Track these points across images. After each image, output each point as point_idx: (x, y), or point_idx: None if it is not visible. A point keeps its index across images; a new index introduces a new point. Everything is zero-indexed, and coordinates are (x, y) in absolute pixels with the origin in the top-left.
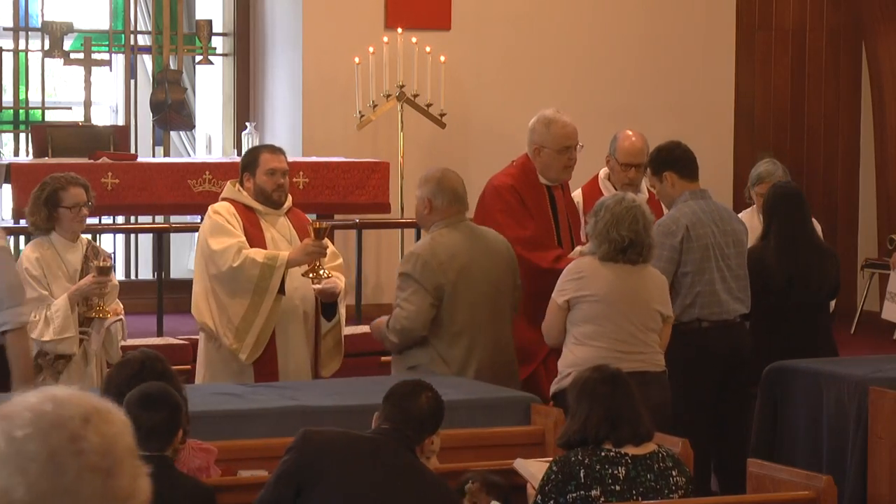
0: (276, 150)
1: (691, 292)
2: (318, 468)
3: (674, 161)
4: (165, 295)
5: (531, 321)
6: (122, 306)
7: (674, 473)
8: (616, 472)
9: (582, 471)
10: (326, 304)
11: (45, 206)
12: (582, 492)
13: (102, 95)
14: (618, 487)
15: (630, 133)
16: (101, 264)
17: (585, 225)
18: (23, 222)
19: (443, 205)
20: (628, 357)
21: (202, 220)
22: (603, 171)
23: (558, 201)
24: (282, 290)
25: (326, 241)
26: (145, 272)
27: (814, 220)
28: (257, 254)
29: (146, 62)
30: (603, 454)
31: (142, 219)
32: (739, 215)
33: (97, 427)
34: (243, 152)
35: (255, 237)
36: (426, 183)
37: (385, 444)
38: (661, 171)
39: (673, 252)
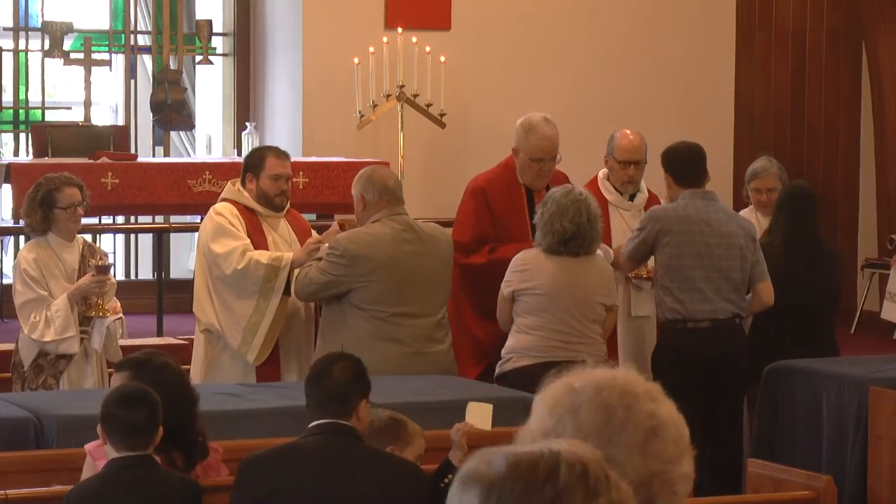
0: (282, 155)
1: (672, 286)
2: (274, 497)
3: (673, 167)
4: (165, 295)
5: (481, 318)
6: (119, 305)
7: None
8: None
9: None
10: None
11: (40, 208)
12: None
13: (102, 95)
14: None
15: (628, 132)
16: (100, 263)
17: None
18: (22, 222)
19: (374, 199)
20: (567, 347)
21: (202, 220)
22: (602, 172)
23: (537, 201)
24: (287, 291)
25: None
26: (145, 272)
27: None
28: (261, 255)
29: (146, 62)
30: None
31: (142, 219)
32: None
33: (651, 395)
34: (244, 152)
35: (257, 239)
36: (358, 181)
37: (327, 444)
38: (664, 170)
39: (648, 235)
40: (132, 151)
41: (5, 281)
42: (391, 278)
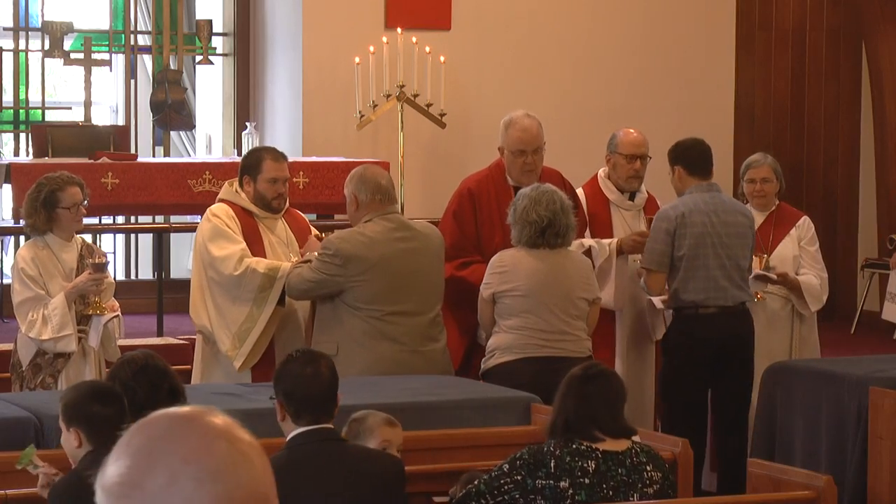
0: (280, 157)
1: (686, 276)
2: None
3: (684, 158)
4: (165, 295)
5: (455, 327)
6: (117, 304)
7: (648, 468)
8: (586, 465)
9: (552, 461)
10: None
11: (43, 208)
12: (551, 481)
13: (102, 95)
14: (587, 480)
15: (630, 130)
16: (97, 261)
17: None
18: (22, 222)
19: (367, 199)
20: (550, 344)
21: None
22: (602, 171)
23: None
24: (281, 302)
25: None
26: (145, 272)
27: (808, 219)
28: (258, 264)
29: (146, 62)
30: (574, 446)
31: (142, 219)
32: None
33: None
34: (244, 152)
35: (253, 242)
36: (350, 180)
37: (319, 453)
38: (673, 164)
39: (667, 235)
40: (132, 151)
41: (5, 281)
42: (385, 278)
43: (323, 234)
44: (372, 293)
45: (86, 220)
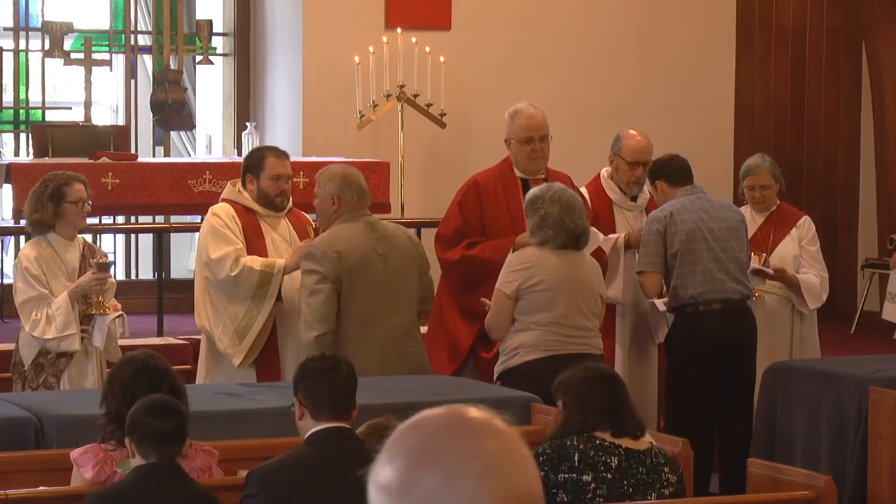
0: (282, 155)
1: (682, 272)
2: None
3: (663, 171)
4: (165, 295)
5: (459, 317)
6: (119, 305)
7: (665, 470)
8: (609, 460)
9: (576, 454)
10: None
11: (50, 201)
12: (574, 475)
13: (102, 95)
14: (609, 476)
15: (634, 132)
16: (100, 260)
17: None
18: (23, 222)
19: (351, 200)
20: (570, 341)
21: (202, 220)
22: (605, 171)
23: None
24: (279, 297)
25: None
26: (145, 272)
27: (809, 219)
28: (254, 262)
29: (146, 62)
30: (598, 442)
31: (142, 219)
32: None
33: None
34: (244, 152)
35: (254, 241)
36: (331, 179)
37: (336, 451)
38: (654, 180)
39: (658, 236)
40: (132, 151)
41: (6, 281)
42: (366, 280)
43: (317, 226)
44: (354, 296)
45: (86, 220)
